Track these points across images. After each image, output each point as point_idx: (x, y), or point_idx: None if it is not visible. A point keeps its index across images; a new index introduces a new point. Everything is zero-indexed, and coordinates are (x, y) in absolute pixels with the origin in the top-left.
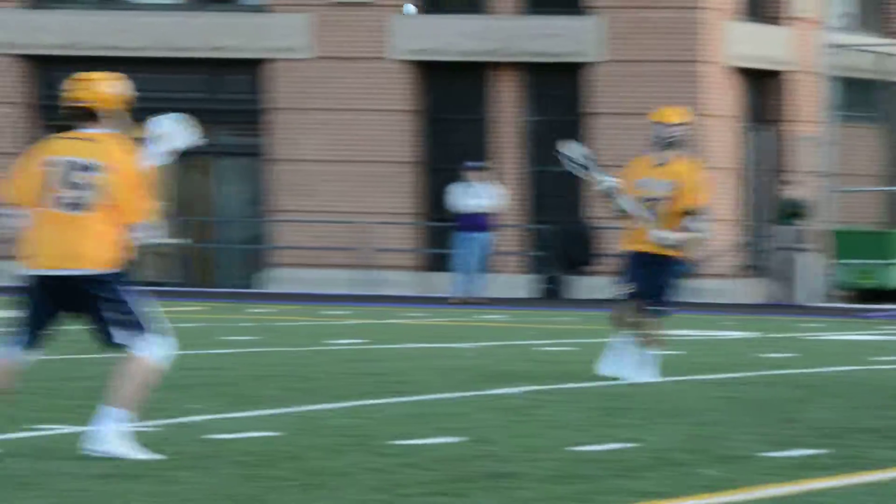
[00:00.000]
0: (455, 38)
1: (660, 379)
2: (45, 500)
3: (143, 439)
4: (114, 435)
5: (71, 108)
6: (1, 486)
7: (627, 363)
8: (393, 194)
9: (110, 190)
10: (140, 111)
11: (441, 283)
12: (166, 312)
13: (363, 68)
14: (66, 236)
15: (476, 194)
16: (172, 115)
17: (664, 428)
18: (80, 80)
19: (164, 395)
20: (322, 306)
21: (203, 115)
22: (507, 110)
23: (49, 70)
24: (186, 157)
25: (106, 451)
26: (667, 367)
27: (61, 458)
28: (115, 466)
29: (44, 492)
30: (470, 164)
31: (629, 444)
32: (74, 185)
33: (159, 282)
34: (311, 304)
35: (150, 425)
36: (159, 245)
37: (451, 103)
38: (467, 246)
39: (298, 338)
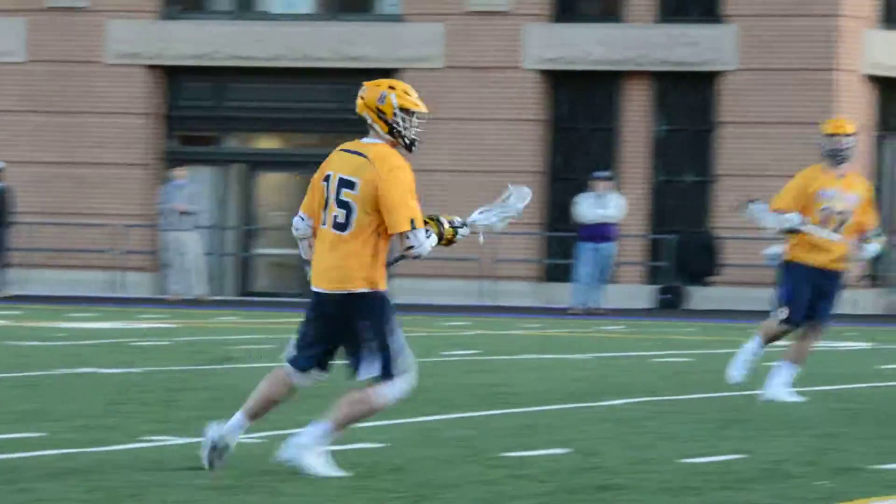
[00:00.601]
0: (588, 47)
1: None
2: None
3: (255, 451)
4: (312, 450)
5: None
6: (112, 498)
7: (781, 383)
8: None
9: (367, 207)
10: (275, 121)
11: (561, 294)
12: (277, 323)
13: (495, 78)
14: (331, 255)
15: (602, 204)
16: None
17: (779, 440)
18: (364, 87)
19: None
20: (440, 317)
21: (336, 125)
22: (638, 120)
23: (179, 81)
24: (307, 168)
25: (299, 462)
26: None
27: (172, 470)
28: (225, 478)
29: (153, 503)
30: (598, 174)
31: (742, 456)
32: (340, 203)
33: (276, 293)
34: (429, 314)
35: (259, 437)
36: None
37: (581, 113)
38: (590, 256)
39: (414, 349)
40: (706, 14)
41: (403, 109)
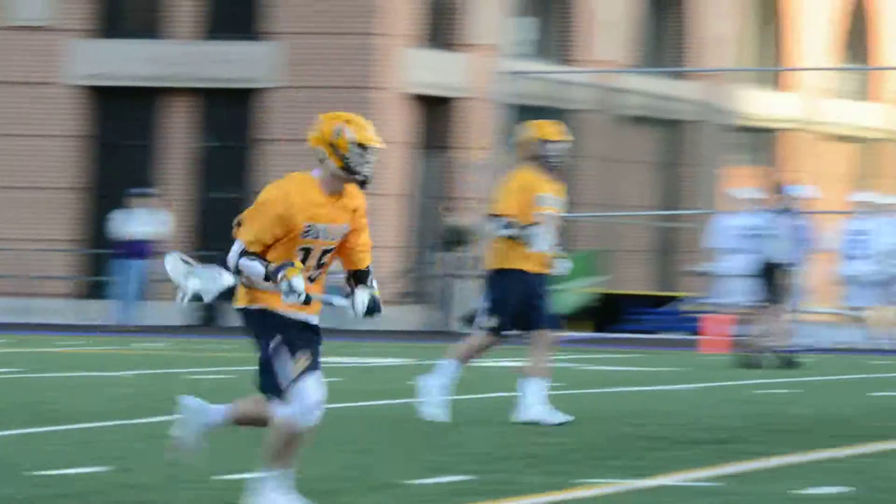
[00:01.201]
0: (130, 64)
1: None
2: None
3: None
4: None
5: None
6: None
7: (539, 402)
8: (56, 221)
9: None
10: None
11: (98, 311)
12: None
13: (33, 93)
14: None
15: (138, 221)
16: None
17: (319, 456)
18: (321, 119)
19: None
20: None
21: None
22: (179, 136)
23: None
24: None
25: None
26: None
27: None
28: None
29: None
30: (134, 190)
31: None
32: None
33: None
34: None
35: None
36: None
37: (122, 129)
38: (125, 273)
39: None
40: (247, 32)
41: (359, 144)
